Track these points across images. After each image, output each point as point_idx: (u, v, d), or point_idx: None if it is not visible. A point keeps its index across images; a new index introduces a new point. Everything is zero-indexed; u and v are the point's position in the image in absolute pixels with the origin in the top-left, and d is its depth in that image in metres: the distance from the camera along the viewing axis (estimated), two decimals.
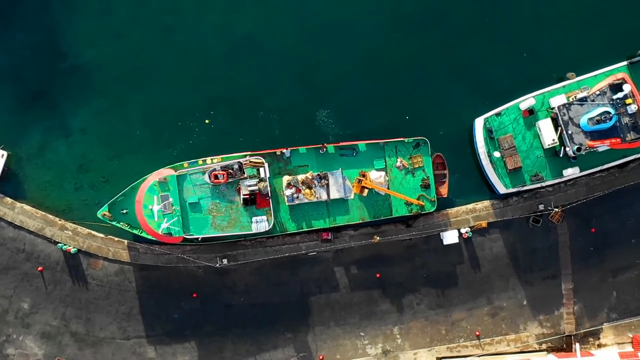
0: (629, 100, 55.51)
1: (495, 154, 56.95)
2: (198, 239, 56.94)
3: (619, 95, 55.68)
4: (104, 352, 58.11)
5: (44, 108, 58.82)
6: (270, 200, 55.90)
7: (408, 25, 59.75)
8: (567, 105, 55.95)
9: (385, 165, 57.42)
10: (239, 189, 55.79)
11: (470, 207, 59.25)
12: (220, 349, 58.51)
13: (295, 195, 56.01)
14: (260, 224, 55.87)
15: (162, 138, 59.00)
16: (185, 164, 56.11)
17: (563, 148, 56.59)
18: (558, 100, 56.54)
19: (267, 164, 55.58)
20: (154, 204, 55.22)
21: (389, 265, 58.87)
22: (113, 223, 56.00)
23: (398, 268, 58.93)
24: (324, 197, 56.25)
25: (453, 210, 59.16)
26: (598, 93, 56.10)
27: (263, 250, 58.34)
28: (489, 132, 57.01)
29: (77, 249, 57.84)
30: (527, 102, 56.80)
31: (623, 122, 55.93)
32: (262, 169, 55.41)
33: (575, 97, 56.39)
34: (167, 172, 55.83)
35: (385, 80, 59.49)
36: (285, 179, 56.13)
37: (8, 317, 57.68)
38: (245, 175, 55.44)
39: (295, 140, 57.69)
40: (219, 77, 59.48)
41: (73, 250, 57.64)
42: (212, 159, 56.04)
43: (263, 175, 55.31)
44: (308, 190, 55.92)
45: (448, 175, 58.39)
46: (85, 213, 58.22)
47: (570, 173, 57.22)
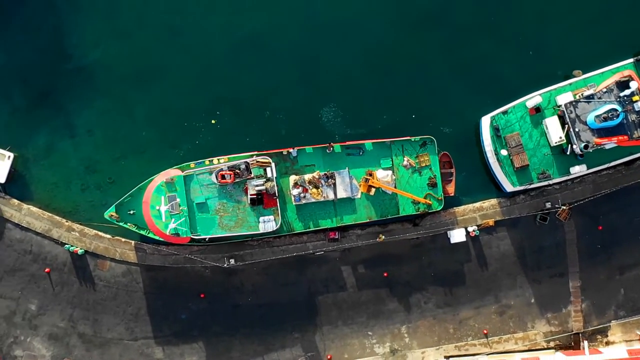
0: (636, 98, 55.55)
1: (502, 152, 56.86)
2: (205, 240, 56.89)
3: (626, 93, 55.70)
4: (112, 353, 58.09)
5: (50, 109, 58.73)
6: (278, 200, 55.85)
7: (414, 24, 59.69)
8: (574, 103, 55.93)
9: (392, 164, 57.38)
10: (246, 189, 55.73)
11: (477, 205, 59.20)
12: (228, 349, 58.49)
13: (302, 195, 55.94)
14: (268, 224, 55.81)
15: (168, 138, 58.95)
16: (192, 164, 56.06)
17: (570, 146, 56.52)
18: (565, 98, 56.47)
19: (274, 164, 55.53)
20: (161, 205, 55.17)
21: (397, 264, 58.83)
22: (120, 224, 55.97)
23: (405, 267, 58.89)
24: (331, 196, 56.20)
25: (460, 209, 59.14)
26: (605, 90, 56.07)
27: (270, 250, 58.30)
28: (496, 130, 56.94)
29: (84, 250, 57.79)
30: (533, 100, 56.70)
31: (630, 119, 55.94)
32: (269, 169, 55.34)
33: (582, 94, 56.35)
34: (174, 172, 55.78)
35: (392, 79, 59.43)
36: (292, 179, 56.07)
37: (16, 318, 57.66)
38: (252, 175, 55.33)
39: (302, 140, 57.67)
40: (225, 77, 59.39)
41: (80, 252, 57.61)
42: (219, 159, 55.98)
43: (270, 175, 55.24)
44: (315, 190, 55.85)
45: (455, 174, 58.37)
46: (92, 214, 58.18)
47: (577, 171, 57.16)
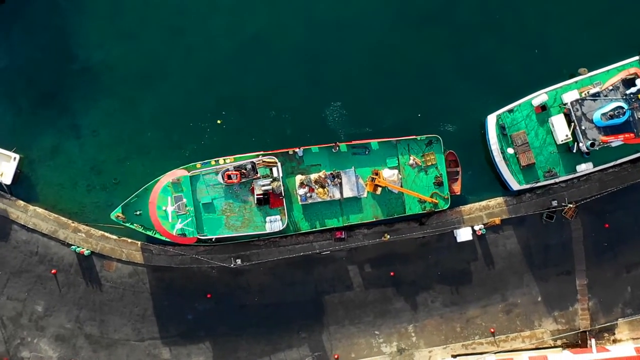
0: None
1: (509, 151, 56.78)
2: (212, 240, 56.81)
3: (632, 90, 55.56)
4: (119, 354, 58.04)
5: (55, 110, 58.70)
6: (284, 200, 55.81)
7: (419, 23, 59.64)
8: (579, 101, 55.83)
9: (398, 163, 57.34)
10: (253, 189, 55.67)
11: (484, 204, 59.14)
12: (235, 349, 58.43)
13: (309, 195, 55.89)
14: (274, 224, 55.73)
15: (173, 139, 58.92)
16: (198, 165, 56.04)
17: (576, 144, 56.41)
18: (571, 96, 56.36)
19: (280, 164, 55.48)
20: (168, 205, 55.15)
21: (403, 264, 58.77)
22: (126, 224, 55.95)
23: (412, 266, 58.83)
24: (337, 196, 56.14)
25: (466, 208, 59.08)
26: (611, 88, 56.02)
27: (277, 250, 58.24)
28: (502, 128, 56.88)
29: (90, 251, 57.76)
30: (539, 98, 56.63)
31: (636, 116, 55.84)
32: (275, 169, 55.29)
33: (588, 92, 56.28)
34: (180, 172, 55.76)
35: (397, 78, 59.36)
36: (298, 178, 56.02)
37: (22, 320, 57.61)
38: (259, 175, 55.29)
39: (308, 140, 57.65)
40: (230, 77, 59.36)
41: (86, 253, 57.58)
42: (224, 159, 55.96)
43: (276, 175, 55.20)
44: (321, 189, 55.80)
45: (461, 173, 58.32)
46: (98, 215, 58.13)
47: (584, 169, 57.08)
